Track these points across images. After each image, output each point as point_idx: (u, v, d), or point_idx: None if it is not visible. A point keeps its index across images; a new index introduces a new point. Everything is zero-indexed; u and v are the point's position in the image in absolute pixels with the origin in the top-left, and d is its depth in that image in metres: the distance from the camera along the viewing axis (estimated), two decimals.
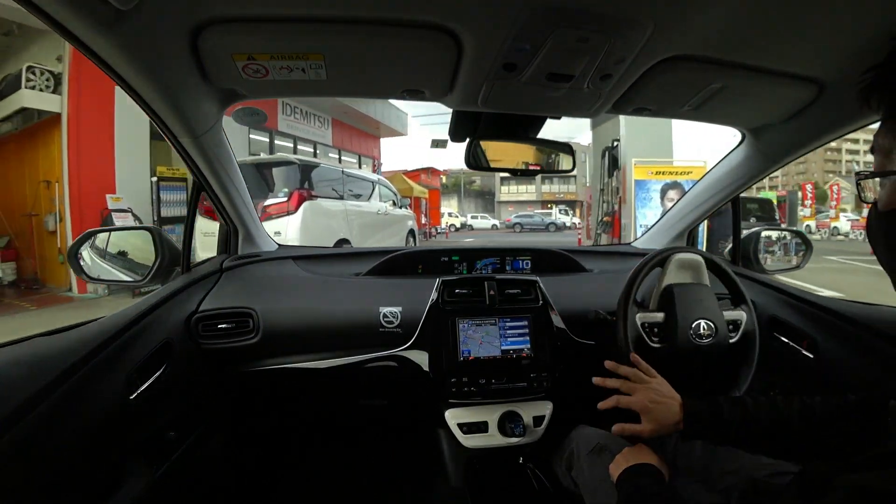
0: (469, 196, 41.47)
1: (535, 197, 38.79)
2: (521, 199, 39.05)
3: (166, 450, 0.92)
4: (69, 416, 0.65)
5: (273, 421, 1.41)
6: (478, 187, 43.94)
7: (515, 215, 26.62)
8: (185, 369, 0.96)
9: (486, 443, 1.07)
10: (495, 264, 1.36)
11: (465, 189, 40.37)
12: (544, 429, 1.10)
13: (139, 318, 0.85)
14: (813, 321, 1.04)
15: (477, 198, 42.60)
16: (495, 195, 40.41)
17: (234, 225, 1.21)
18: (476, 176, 44.02)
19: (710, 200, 1.30)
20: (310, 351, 1.09)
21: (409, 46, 0.66)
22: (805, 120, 0.92)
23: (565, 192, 38.29)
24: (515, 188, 39.81)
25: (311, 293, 1.15)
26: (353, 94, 0.87)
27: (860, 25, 0.62)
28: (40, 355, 0.66)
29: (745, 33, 0.65)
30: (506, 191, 40.14)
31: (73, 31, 0.54)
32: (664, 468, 0.75)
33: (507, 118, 0.93)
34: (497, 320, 1.11)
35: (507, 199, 39.54)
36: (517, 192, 39.75)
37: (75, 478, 0.67)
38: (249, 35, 0.63)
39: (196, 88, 0.75)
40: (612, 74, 0.72)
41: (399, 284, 1.18)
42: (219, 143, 0.95)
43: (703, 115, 0.95)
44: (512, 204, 37.96)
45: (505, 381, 1.07)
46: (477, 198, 42.60)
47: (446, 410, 1.09)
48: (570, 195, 37.54)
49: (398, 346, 1.08)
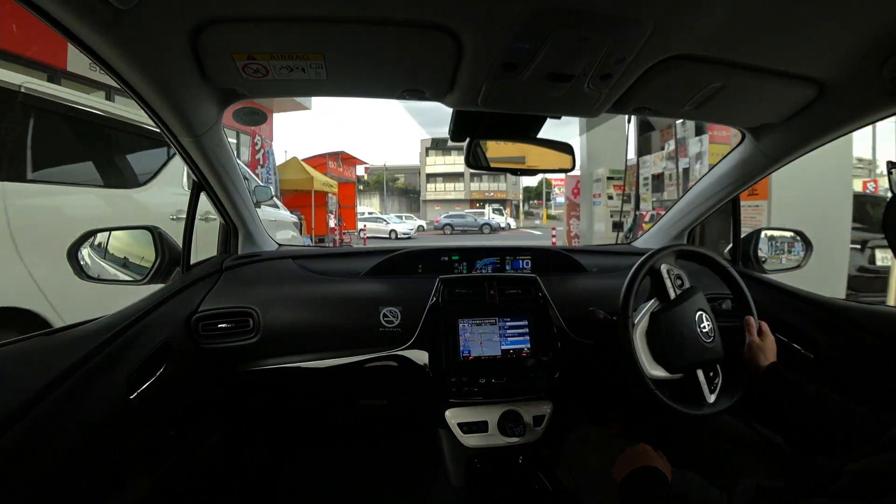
0: (392, 194, 38.79)
1: (463, 195, 36.24)
2: (449, 197, 36.27)
3: (166, 450, 0.91)
4: (69, 415, 0.65)
5: (273, 420, 1.41)
6: (402, 185, 40.86)
7: (445, 215, 23.44)
8: (186, 369, 0.96)
9: (486, 442, 1.07)
10: (495, 264, 1.36)
11: (387, 186, 37.64)
12: (544, 429, 1.10)
13: (139, 318, 0.85)
14: (813, 321, 1.04)
15: (401, 196, 39.83)
16: (421, 193, 37.57)
17: (234, 224, 1.21)
18: (400, 174, 41.49)
19: (711, 200, 1.30)
20: (310, 350, 1.09)
21: (409, 46, 0.66)
22: (805, 120, 0.92)
23: (495, 191, 36.39)
24: (443, 186, 37.29)
25: (311, 293, 1.15)
26: (353, 94, 0.86)
27: (860, 25, 0.62)
28: (41, 354, 0.66)
29: (746, 33, 0.65)
30: (432, 189, 37.41)
31: (73, 30, 0.54)
32: (666, 468, 0.75)
33: (507, 118, 0.92)
34: (497, 320, 1.11)
35: (433, 197, 36.71)
36: (444, 190, 37.24)
37: (75, 478, 0.67)
38: (249, 35, 0.63)
39: (196, 88, 0.75)
40: (612, 74, 0.72)
41: (399, 284, 1.18)
42: (219, 143, 0.95)
43: (703, 114, 0.95)
44: (439, 203, 35.23)
45: (505, 381, 1.07)
46: (401, 196, 39.83)
47: (446, 410, 1.09)
48: (501, 194, 36.07)
49: (398, 345, 1.08)
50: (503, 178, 33.57)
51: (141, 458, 0.83)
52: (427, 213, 33.84)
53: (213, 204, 1.12)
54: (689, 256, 1.03)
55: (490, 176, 34.61)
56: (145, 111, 0.77)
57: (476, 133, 0.96)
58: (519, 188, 38.63)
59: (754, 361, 0.87)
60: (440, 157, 37.20)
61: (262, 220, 1.25)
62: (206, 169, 0.98)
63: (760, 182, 1.72)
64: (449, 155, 36.72)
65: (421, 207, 36.45)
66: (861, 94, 0.80)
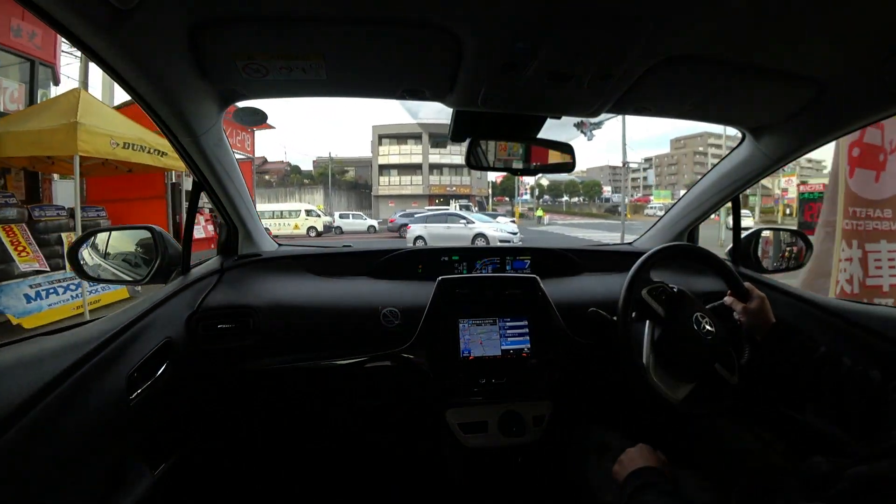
0: (340, 189, 33.87)
1: (421, 190, 31.42)
2: (405, 192, 31.33)
3: (166, 450, 0.91)
4: (70, 415, 0.65)
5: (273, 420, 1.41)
6: (351, 178, 36.17)
7: (401, 213, 18.73)
8: (186, 369, 0.96)
9: (487, 443, 1.07)
10: (495, 264, 1.36)
11: (334, 179, 32.84)
12: (544, 429, 1.10)
13: (139, 318, 0.85)
14: (813, 321, 1.04)
15: (350, 191, 34.78)
16: (373, 188, 32.56)
17: (234, 225, 1.21)
18: (350, 166, 36.64)
19: (711, 200, 1.30)
20: (310, 351, 1.09)
21: (409, 47, 0.66)
22: (805, 120, 0.92)
23: (458, 185, 32.06)
24: (398, 179, 32.09)
25: (311, 293, 1.15)
26: (353, 95, 0.87)
27: (860, 25, 0.62)
28: (41, 355, 0.66)
29: (745, 33, 0.65)
30: (385, 182, 32.20)
31: (73, 30, 0.54)
32: (666, 468, 0.75)
33: (507, 118, 0.92)
34: (497, 320, 1.11)
35: (387, 192, 31.74)
36: (399, 184, 32.06)
37: (75, 477, 0.67)
38: (249, 35, 0.63)
39: (196, 88, 0.75)
40: (612, 74, 0.72)
41: (399, 284, 1.18)
42: (219, 143, 0.95)
43: (703, 114, 0.95)
44: (393, 199, 30.58)
45: (505, 381, 1.07)
46: (350, 191, 34.78)
47: (446, 410, 1.09)
48: (464, 188, 31.98)
49: (398, 345, 1.08)
50: (466, 171, 30.47)
51: (141, 458, 0.83)
52: (380, 211, 29.16)
53: (214, 204, 1.12)
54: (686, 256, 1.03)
55: (451, 169, 31.61)
56: (145, 111, 0.77)
57: (476, 133, 0.96)
58: (485, 182, 34.44)
59: (757, 327, 0.87)
60: (395, 146, 32.42)
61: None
62: (206, 169, 0.98)
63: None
64: (405, 144, 32.15)
65: (373, 203, 31.75)
66: (861, 94, 0.80)
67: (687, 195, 1.40)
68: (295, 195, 31.62)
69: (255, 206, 1.27)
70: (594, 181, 56.27)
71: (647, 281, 0.92)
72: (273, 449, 1.41)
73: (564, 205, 45.63)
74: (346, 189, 34.91)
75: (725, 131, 15.43)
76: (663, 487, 0.70)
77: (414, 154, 32.07)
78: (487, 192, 32.57)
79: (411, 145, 32.19)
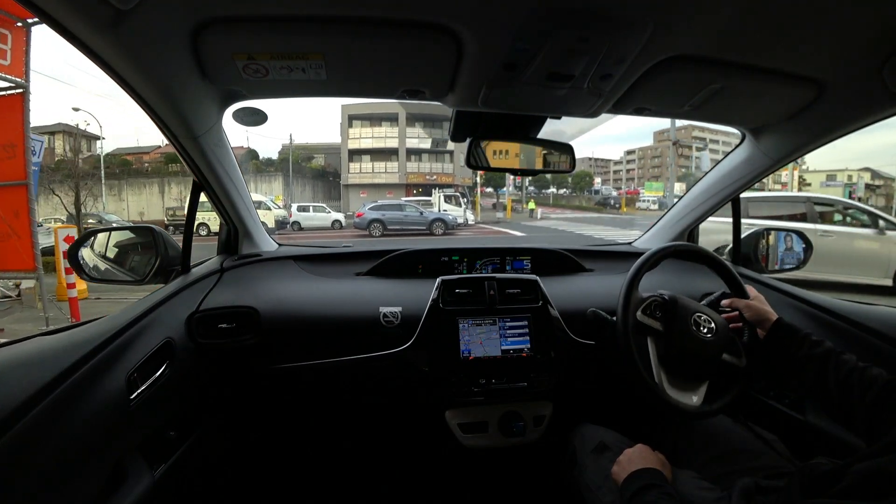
0: (304, 177, 28.20)
1: (397, 179, 26.72)
2: (378, 181, 26.69)
3: (166, 450, 0.91)
4: (70, 415, 0.65)
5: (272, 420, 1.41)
6: (317, 165, 30.77)
7: (371, 206, 15.52)
8: (186, 369, 0.96)
9: (487, 443, 1.07)
10: (495, 264, 1.36)
11: (298, 167, 27.42)
12: (544, 429, 1.09)
13: (139, 318, 0.85)
14: (813, 321, 1.04)
15: (316, 179, 29.49)
16: (342, 176, 27.36)
17: (234, 225, 1.21)
18: (319, 153, 31.86)
19: (711, 200, 1.30)
20: (309, 351, 1.09)
21: (409, 46, 0.66)
22: (805, 120, 0.92)
23: (439, 174, 27.23)
24: (370, 166, 27.09)
25: (311, 293, 1.15)
26: (354, 94, 0.87)
27: (860, 25, 0.62)
28: (41, 355, 0.66)
29: (745, 33, 0.65)
30: (356, 169, 27.14)
31: (73, 30, 0.54)
32: (666, 468, 0.75)
33: (507, 118, 0.92)
34: (497, 320, 1.11)
35: (358, 181, 26.90)
36: (372, 171, 27.12)
37: (75, 477, 0.67)
38: (249, 35, 0.63)
39: (196, 88, 0.75)
40: (612, 74, 0.72)
41: (399, 284, 1.18)
42: (219, 143, 0.95)
43: (703, 115, 0.95)
44: (365, 188, 26.09)
45: (505, 381, 1.07)
46: (316, 179, 29.49)
47: (446, 410, 1.09)
48: (446, 177, 26.99)
49: (398, 345, 1.08)
50: (447, 157, 26.96)
51: (141, 458, 0.83)
52: (350, 202, 25.20)
53: (214, 204, 1.12)
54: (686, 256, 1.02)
55: (433, 156, 27.36)
56: (146, 111, 0.77)
57: (476, 133, 0.96)
58: (469, 171, 26.38)
59: (758, 324, 0.87)
60: (367, 129, 27.25)
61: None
62: (206, 169, 0.98)
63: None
64: (378, 126, 27.07)
65: (342, 194, 27.16)
66: (861, 94, 0.80)
67: (687, 196, 1.40)
68: (249, 184, 27.37)
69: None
70: (585, 171, 53.64)
71: (639, 301, 0.90)
72: (272, 448, 1.41)
73: (551, 197, 43.52)
74: (312, 178, 29.47)
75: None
76: (663, 489, 0.70)
77: (389, 137, 27.27)
78: (473, 180, 27.28)
79: (386, 127, 27.36)
